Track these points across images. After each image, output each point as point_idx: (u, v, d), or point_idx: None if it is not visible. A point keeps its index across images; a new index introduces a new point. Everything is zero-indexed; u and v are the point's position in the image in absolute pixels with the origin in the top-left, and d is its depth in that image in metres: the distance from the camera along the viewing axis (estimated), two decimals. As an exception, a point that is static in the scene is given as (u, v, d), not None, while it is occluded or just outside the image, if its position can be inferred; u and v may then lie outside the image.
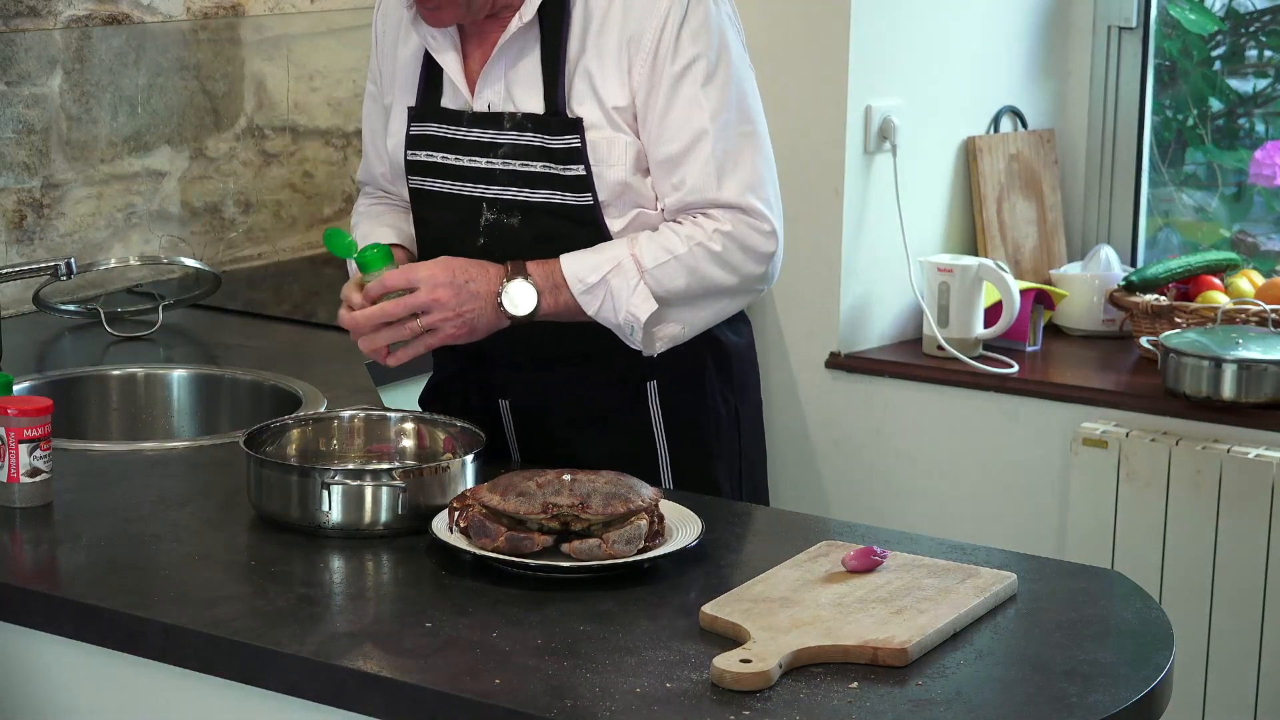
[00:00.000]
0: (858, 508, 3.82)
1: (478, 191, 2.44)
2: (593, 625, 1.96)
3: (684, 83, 2.37)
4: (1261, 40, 4.21)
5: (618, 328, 2.39)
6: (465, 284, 2.34)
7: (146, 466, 2.50)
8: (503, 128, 2.41)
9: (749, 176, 2.40)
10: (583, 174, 2.38)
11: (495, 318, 2.36)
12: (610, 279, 2.36)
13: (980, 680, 1.87)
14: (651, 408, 2.50)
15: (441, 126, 2.46)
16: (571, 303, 2.37)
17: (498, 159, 2.42)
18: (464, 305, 2.34)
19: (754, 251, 2.40)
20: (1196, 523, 3.46)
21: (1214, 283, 3.84)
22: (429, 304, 2.33)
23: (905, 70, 3.87)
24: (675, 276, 2.38)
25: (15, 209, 3.36)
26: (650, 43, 2.36)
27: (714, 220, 2.39)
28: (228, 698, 1.96)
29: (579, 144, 2.38)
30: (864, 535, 2.25)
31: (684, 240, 2.38)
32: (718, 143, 2.37)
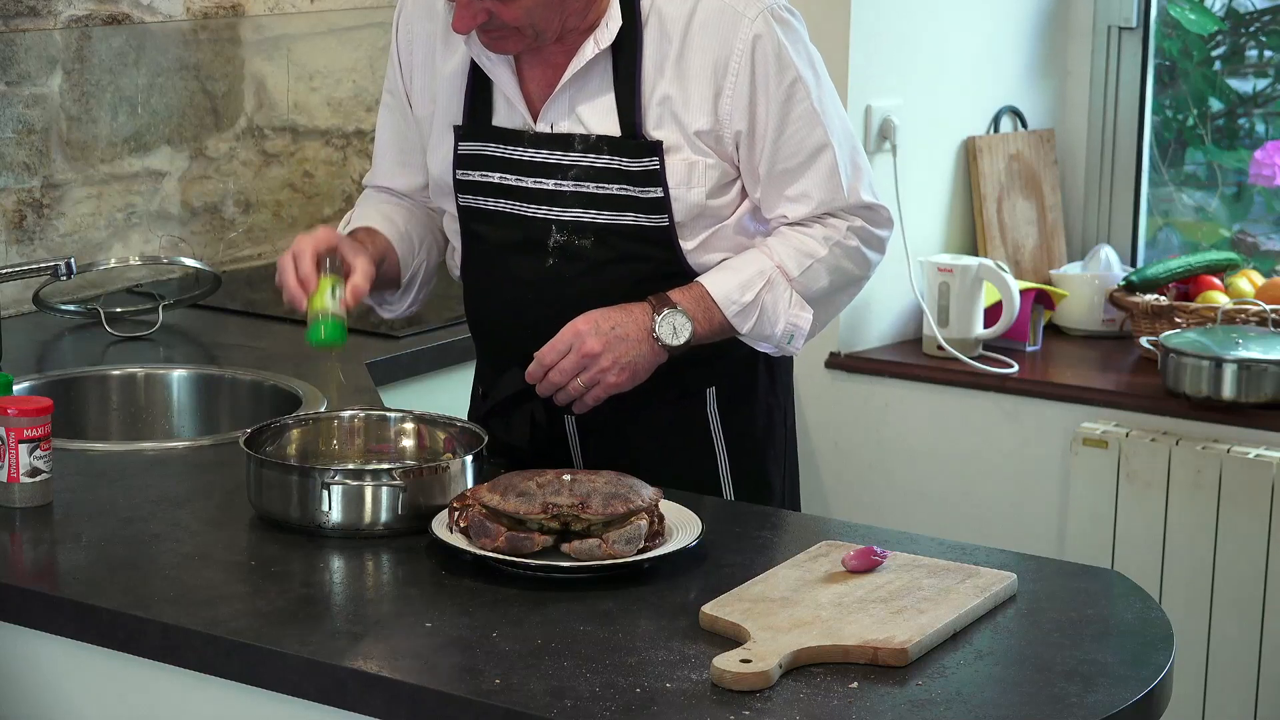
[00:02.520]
0: (858, 508, 3.82)
1: (543, 213, 2.43)
2: (593, 625, 1.96)
3: (793, 100, 2.40)
4: (1261, 40, 4.21)
5: (769, 339, 2.44)
6: (612, 330, 2.36)
7: (146, 466, 2.49)
8: (572, 149, 2.41)
9: (866, 176, 2.48)
10: (660, 196, 2.39)
11: (653, 354, 2.38)
12: (763, 295, 2.41)
13: (980, 680, 1.87)
14: (710, 416, 2.52)
15: (497, 146, 2.44)
16: (724, 323, 2.41)
17: (567, 181, 2.41)
18: (618, 353, 2.35)
19: (879, 241, 2.50)
20: (1196, 523, 3.46)
21: (1214, 283, 3.84)
22: (584, 361, 2.35)
23: (905, 70, 3.87)
24: (819, 278, 2.45)
25: (15, 209, 3.36)
26: (743, 68, 2.37)
27: (845, 219, 2.46)
28: (228, 698, 1.96)
29: (658, 166, 2.38)
30: (864, 535, 2.25)
31: (822, 242, 2.44)
32: (839, 152, 2.43)
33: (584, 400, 2.39)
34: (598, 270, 2.41)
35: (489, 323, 2.53)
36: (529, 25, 2.33)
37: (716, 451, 2.53)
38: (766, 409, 2.57)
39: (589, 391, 2.37)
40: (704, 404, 2.51)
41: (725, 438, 2.53)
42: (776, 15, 2.39)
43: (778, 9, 2.39)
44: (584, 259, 2.42)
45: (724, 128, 2.39)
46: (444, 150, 2.49)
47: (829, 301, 2.50)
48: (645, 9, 2.38)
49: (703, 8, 2.37)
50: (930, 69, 3.93)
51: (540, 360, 2.37)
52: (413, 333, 3.19)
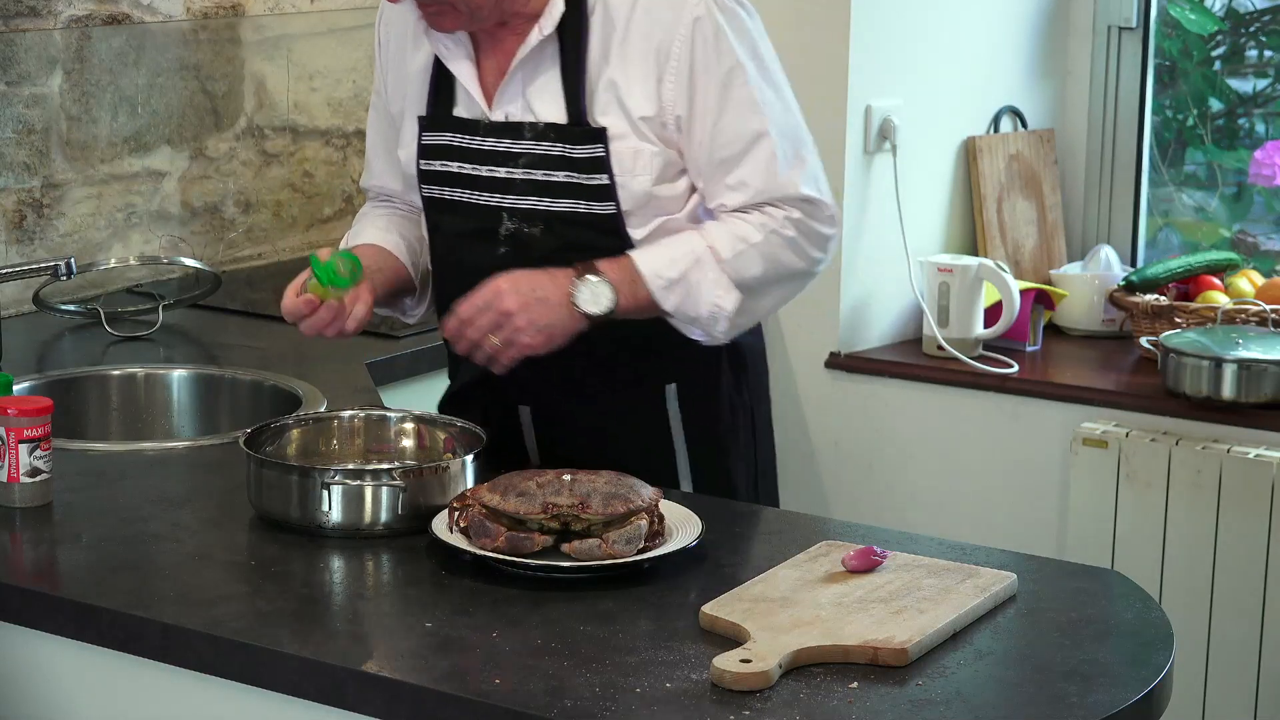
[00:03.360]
0: (858, 508, 3.82)
1: (497, 201, 2.44)
2: (593, 625, 1.96)
3: (732, 87, 2.38)
4: (1261, 40, 4.21)
5: (694, 320, 2.40)
6: (532, 290, 2.34)
7: (146, 466, 2.50)
8: (523, 137, 2.41)
9: (808, 169, 2.45)
10: (606, 183, 2.39)
11: (571, 320, 2.35)
12: (690, 274, 2.38)
13: (980, 680, 1.87)
14: (670, 411, 2.51)
15: (456, 136, 2.46)
16: (648, 299, 2.37)
17: (518, 169, 2.42)
18: (535, 314, 2.33)
19: (820, 237, 2.45)
20: (1196, 523, 3.46)
21: (1214, 283, 3.84)
22: (499, 319, 2.33)
23: (905, 70, 3.87)
24: (753, 264, 2.40)
25: (15, 209, 3.36)
26: (684, 52, 2.36)
27: (783, 210, 2.42)
28: (228, 698, 1.96)
29: (603, 153, 2.38)
30: (864, 535, 2.25)
31: (758, 229, 2.40)
32: (777, 141, 2.41)
33: (500, 360, 2.36)
34: (548, 258, 2.40)
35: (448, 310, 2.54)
36: (462, 1, 2.34)
37: (675, 447, 2.52)
38: (730, 407, 2.55)
39: (505, 351, 2.35)
40: (663, 400, 2.51)
41: (685, 434, 2.52)
42: (719, 1, 2.38)
43: None
44: (534, 247, 2.42)
45: (666, 113, 2.38)
46: (411, 143, 2.51)
47: (763, 292, 2.44)
48: None
49: None
50: (930, 69, 3.93)
51: (458, 314, 2.35)
52: (413, 333, 3.19)
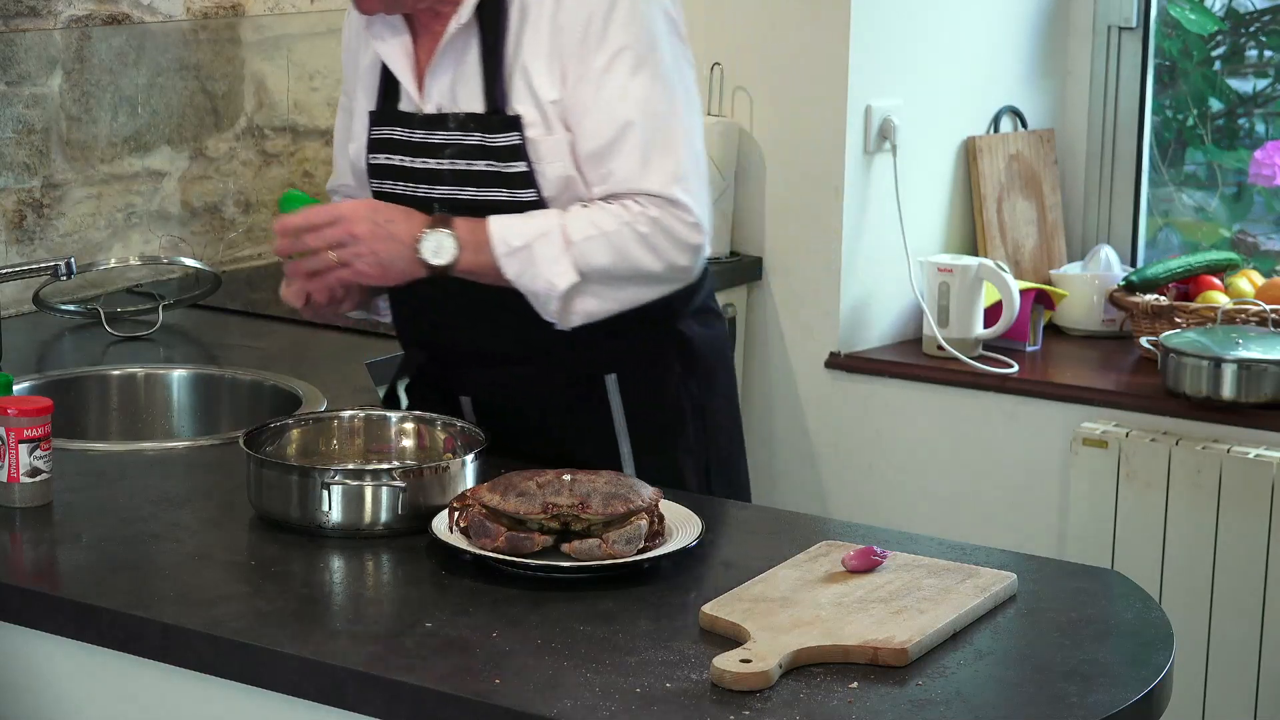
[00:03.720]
0: (858, 508, 3.82)
1: (425, 192, 2.46)
2: (593, 625, 1.96)
3: (611, 74, 2.37)
4: (1261, 40, 4.21)
5: (535, 296, 2.38)
6: (385, 223, 2.36)
7: (146, 466, 2.50)
8: (448, 128, 2.43)
9: (675, 168, 2.39)
10: (525, 171, 2.40)
11: (411, 264, 2.36)
12: (535, 245, 2.35)
13: (980, 680, 1.87)
14: (611, 401, 2.50)
15: (397, 129, 2.49)
16: (492, 263, 2.36)
17: (445, 159, 2.44)
18: (378, 243, 2.35)
19: (680, 241, 2.38)
20: (1196, 523, 3.46)
21: (1214, 283, 3.84)
22: (344, 236, 2.35)
23: (905, 70, 3.87)
24: (600, 253, 2.36)
25: (15, 209, 3.36)
26: (579, 35, 2.37)
27: (641, 205, 2.38)
28: (228, 698, 1.96)
29: (519, 141, 2.39)
30: (864, 535, 2.25)
31: (614, 219, 2.36)
32: (644, 134, 2.37)
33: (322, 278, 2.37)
34: None
35: (398, 302, 2.55)
36: None
37: (617, 440, 2.51)
38: (675, 399, 2.54)
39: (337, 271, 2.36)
40: (604, 391, 2.50)
41: (628, 426, 2.51)
42: None
43: None
44: None
45: (564, 98, 2.39)
46: (360, 138, 2.54)
47: (611, 285, 2.39)
48: None
49: None
50: (930, 69, 3.93)
51: (306, 216, 2.38)
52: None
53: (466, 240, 2.36)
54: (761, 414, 3.95)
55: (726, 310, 3.86)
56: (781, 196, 3.89)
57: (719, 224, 3.89)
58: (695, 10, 3.95)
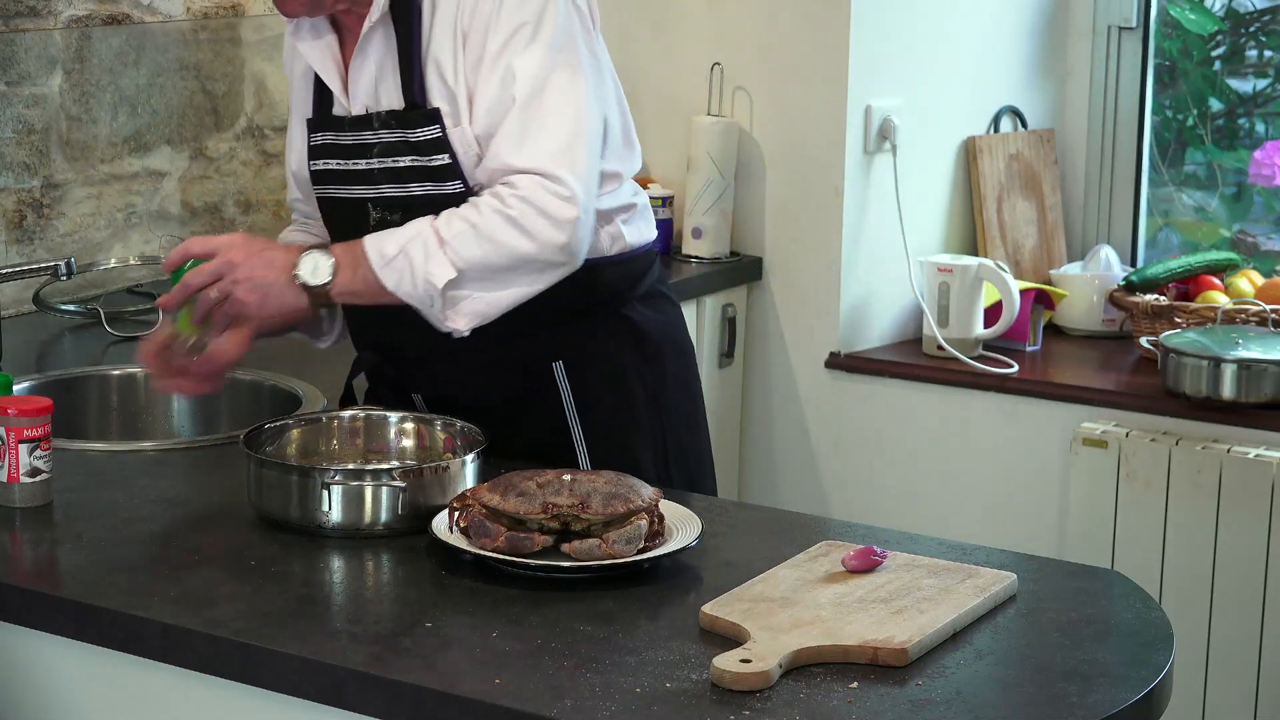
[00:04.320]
0: (858, 508, 3.82)
1: (361, 193, 2.47)
2: (593, 625, 1.96)
3: (501, 56, 2.36)
4: (1261, 40, 4.21)
5: (419, 301, 2.35)
6: (261, 251, 2.37)
7: (146, 466, 2.49)
8: (373, 128, 2.44)
9: (552, 142, 2.35)
10: (449, 163, 2.40)
11: (289, 288, 2.35)
12: (409, 249, 2.34)
13: (980, 680, 1.87)
14: (561, 389, 2.50)
15: (328, 134, 2.50)
16: (371, 277, 2.35)
17: (374, 159, 2.45)
18: (255, 270, 2.35)
19: (551, 217, 2.33)
20: (1196, 523, 3.46)
21: (1214, 283, 3.84)
22: (221, 266, 2.35)
23: (905, 70, 3.87)
24: (473, 245, 2.33)
25: (15, 209, 3.36)
26: (480, 21, 2.37)
27: (511, 187, 2.34)
28: (228, 698, 1.96)
29: (440, 134, 2.39)
30: (864, 535, 2.25)
31: (483, 209, 2.34)
32: (525, 110, 2.35)
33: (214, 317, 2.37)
34: None
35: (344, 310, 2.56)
36: None
37: (570, 428, 2.51)
38: (627, 386, 2.53)
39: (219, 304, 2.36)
40: (553, 379, 2.50)
41: (579, 414, 2.51)
42: None
43: None
44: None
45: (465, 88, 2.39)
46: (300, 146, 2.56)
47: (492, 279, 2.35)
48: None
49: None
50: (930, 69, 3.93)
51: (185, 248, 2.40)
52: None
53: (343, 259, 2.36)
54: (761, 414, 3.95)
55: (726, 310, 3.87)
56: (781, 196, 3.89)
57: (719, 224, 3.89)
58: (695, 10, 3.95)
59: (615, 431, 2.52)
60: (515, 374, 2.50)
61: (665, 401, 2.57)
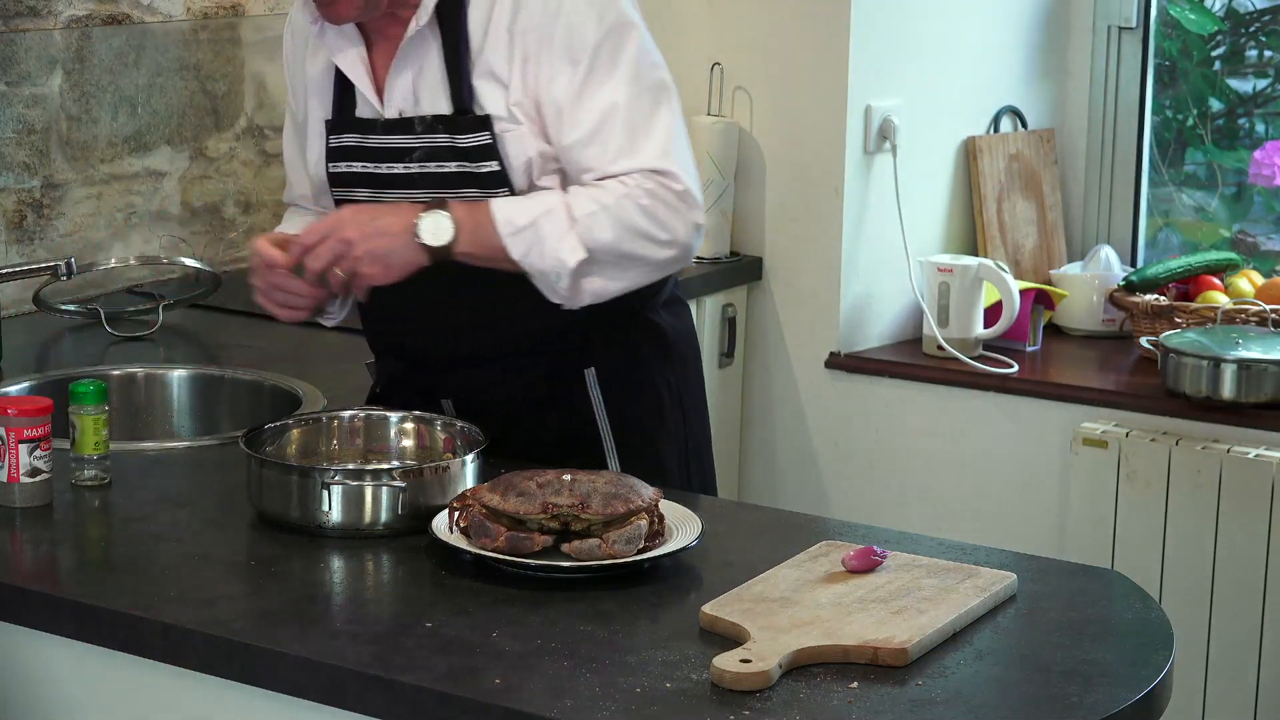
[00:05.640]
0: (858, 508, 3.82)
1: (398, 197, 2.44)
2: (593, 625, 1.96)
3: (593, 65, 2.36)
4: (1261, 40, 4.21)
5: (542, 274, 2.36)
6: (371, 221, 2.34)
7: (146, 466, 2.49)
8: (415, 132, 2.42)
9: (662, 142, 2.38)
10: (498, 170, 2.39)
11: (410, 251, 2.34)
12: (541, 223, 2.34)
13: (980, 680, 1.87)
14: (592, 395, 2.50)
15: (357, 136, 2.48)
16: (495, 243, 2.34)
17: (414, 163, 2.43)
18: (372, 242, 2.33)
19: (678, 211, 2.37)
20: (1196, 523, 3.46)
21: (1214, 283, 3.84)
22: (338, 246, 2.33)
23: (905, 70, 3.87)
24: (604, 227, 2.34)
25: (15, 209, 3.36)
26: (544, 28, 2.36)
27: (636, 179, 2.36)
28: (228, 698, 1.96)
29: (489, 140, 2.38)
30: (864, 535, 2.25)
31: (613, 193, 2.35)
32: (630, 114, 2.37)
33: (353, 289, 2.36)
34: None
35: (370, 314, 2.55)
36: None
37: (600, 433, 2.51)
38: (655, 390, 2.55)
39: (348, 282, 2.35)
40: (584, 384, 2.50)
41: (610, 420, 2.51)
42: None
43: None
44: None
45: (529, 93, 2.38)
46: (317, 147, 2.53)
47: (617, 261, 2.37)
48: None
49: None
50: (930, 69, 3.93)
51: (300, 241, 2.36)
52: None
53: (464, 221, 2.34)
54: (761, 414, 3.95)
55: (726, 310, 3.87)
56: (781, 196, 3.89)
57: (719, 224, 3.89)
58: (695, 10, 3.95)
59: (644, 436, 2.54)
60: (546, 379, 2.50)
61: (687, 403, 2.60)
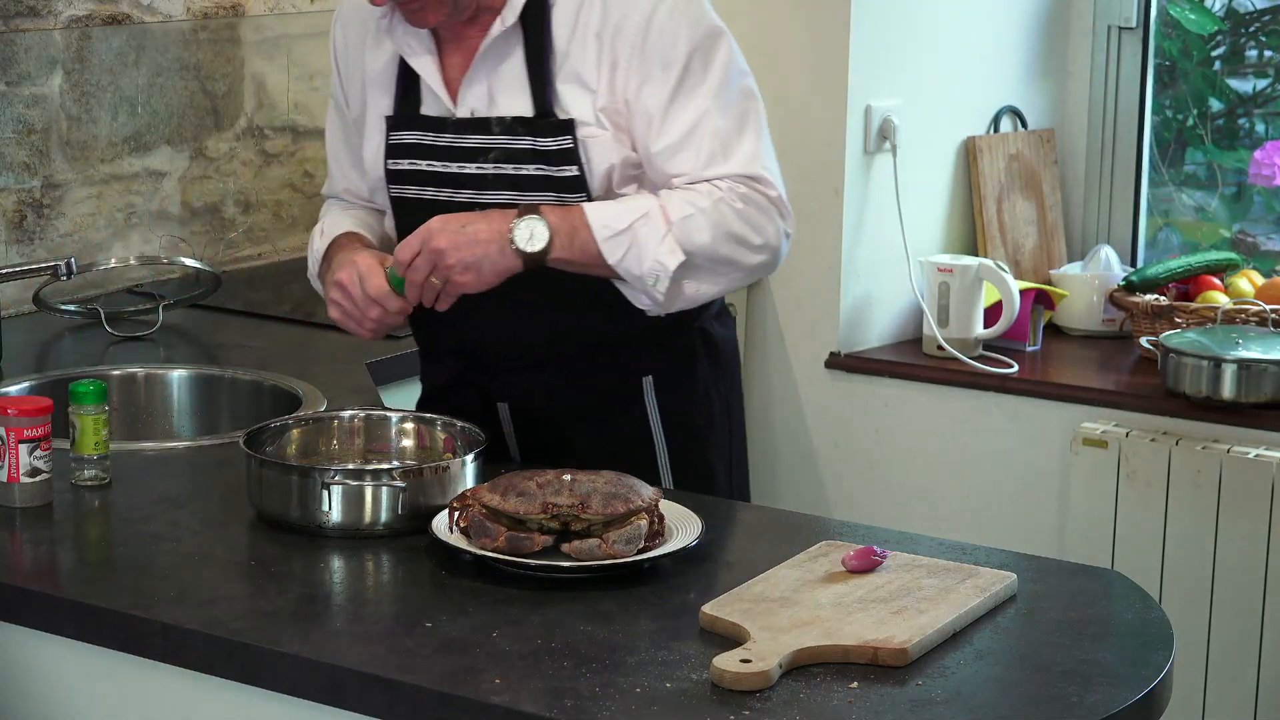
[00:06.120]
0: (858, 508, 3.82)
1: (468, 197, 2.43)
2: (593, 625, 1.96)
3: (685, 73, 2.37)
4: (1261, 40, 4.21)
5: (639, 279, 2.36)
6: (462, 228, 2.33)
7: (146, 466, 2.50)
8: (491, 132, 2.41)
9: (752, 148, 2.41)
10: (577, 174, 2.39)
11: (505, 257, 2.32)
12: (637, 227, 2.34)
13: (980, 680, 1.87)
14: (648, 402, 2.51)
15: (423, 134, 2.46)
16: (591, 247, 2.34)
17: (488, 164, 2.42)
18: (464, 251, 2.31)
19: (770, 216, 2.40)
20: (1196, 523, 3.46)
21: (1214, 283, 3.84)
22: (433, 257, 2.32)
23: (905, 70, 3.87)
24: (701, 230, 2.36)
25: (15, 209, 3.36)
26: (635, 35, 2.36)
27: (729, 184, 2.38)
28: (228, 698, 1.96)
29: (571, 144, 2.38)
30: (864, 535, 2.25)
31: (706, 196, 2.37)
32: (720, 121, 2.38)
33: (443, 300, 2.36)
34: None
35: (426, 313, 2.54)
36: None
37: (654, 441, 2.52)
38: (707, 398, 2.56)
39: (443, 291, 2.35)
40: (640, 394, 2.51)
41: (664, 427, 2.52)
42: None
43: None
44: None
45: (620, 101, 2.38)
46: (376, 143, 2.51)
47: (713, 265, 2.39)
48: None
49: None
50: (930, 69, 3.93)
51: (396, 257, 2.35)
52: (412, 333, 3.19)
53: (559, 226, 2.33)
54: (761, 414, 3.95)
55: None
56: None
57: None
58: (695, 10, 3.95)
59: (696, 444, 2.55)
60: (605, 386, 2.50)
61: (733, 413, 2.62)
